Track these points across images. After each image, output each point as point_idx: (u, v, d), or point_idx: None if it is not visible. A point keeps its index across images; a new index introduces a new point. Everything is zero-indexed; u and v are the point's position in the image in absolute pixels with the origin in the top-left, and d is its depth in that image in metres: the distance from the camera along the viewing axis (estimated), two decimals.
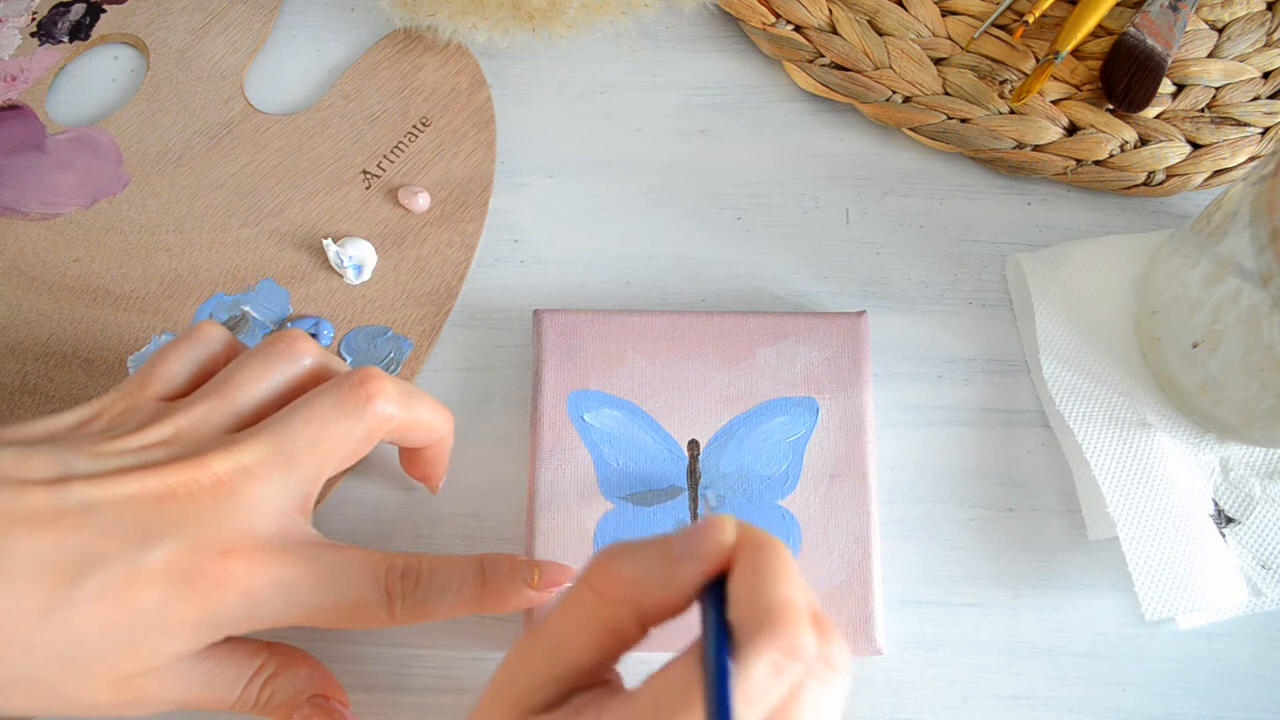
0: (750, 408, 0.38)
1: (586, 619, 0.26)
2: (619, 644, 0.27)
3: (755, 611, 0.24)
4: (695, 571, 0.26)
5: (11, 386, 0.39)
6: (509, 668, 0.27)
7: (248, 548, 0.29)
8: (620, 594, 0.26)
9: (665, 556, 0.26)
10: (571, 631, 0.27)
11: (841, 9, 0.45)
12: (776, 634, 0.24)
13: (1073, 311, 0.40)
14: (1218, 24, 0.45)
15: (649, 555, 0.26)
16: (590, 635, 0.26)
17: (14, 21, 0.46)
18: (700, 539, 0.26)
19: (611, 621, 0.26)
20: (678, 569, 0.26)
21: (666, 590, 0.26)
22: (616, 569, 0.26)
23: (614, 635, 0.27)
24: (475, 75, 0.45)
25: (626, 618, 0.26)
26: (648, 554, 0.26)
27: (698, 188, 0.44)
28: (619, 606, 0.26)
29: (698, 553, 0.26)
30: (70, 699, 0.28)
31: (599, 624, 0.26)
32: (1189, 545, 0.36)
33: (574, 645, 0.26)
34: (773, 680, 0.24)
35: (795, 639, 0.24)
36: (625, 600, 0.26)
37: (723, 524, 0.26)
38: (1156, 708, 0.36)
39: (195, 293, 0.41)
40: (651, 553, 0.26)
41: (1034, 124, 0.43)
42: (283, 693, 0.32)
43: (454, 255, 0.42)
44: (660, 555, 0.26)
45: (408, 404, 0.32)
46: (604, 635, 0.26)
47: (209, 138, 0.44)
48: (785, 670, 0.24)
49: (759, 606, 0.24)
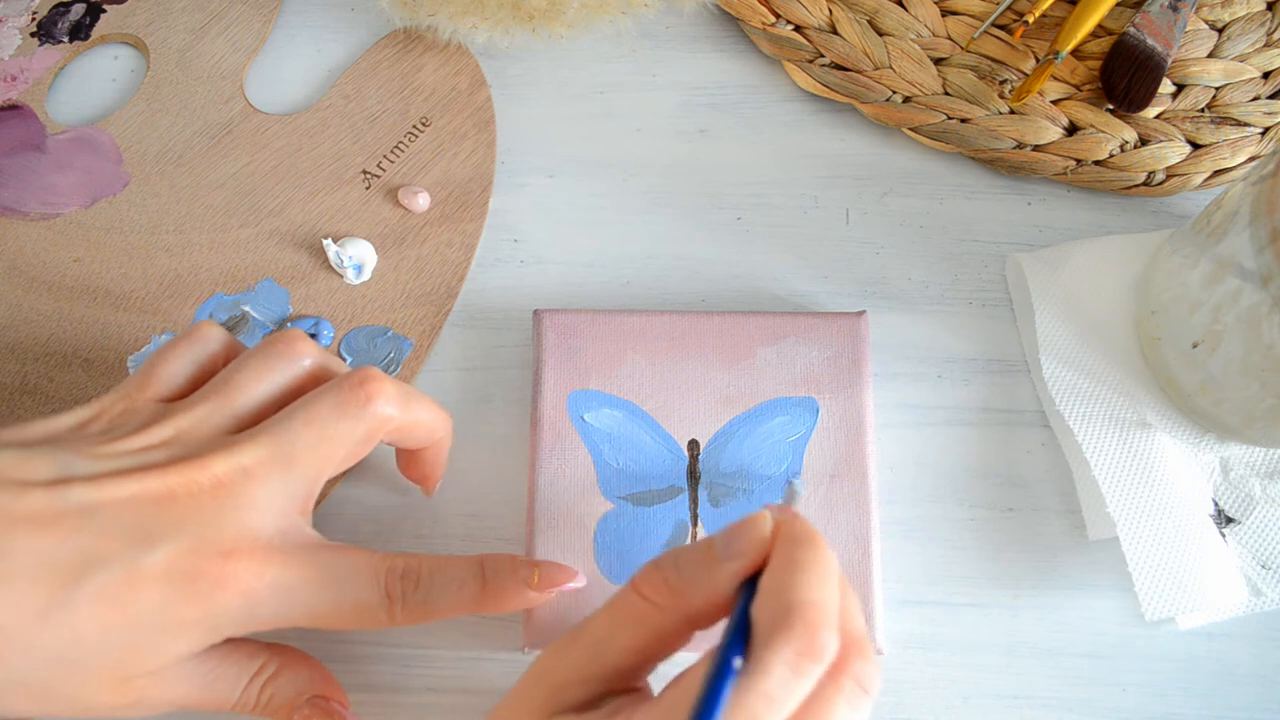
0: (750, 408, 0.38)
1: (632, 621, 0.27)
2: (661, 648, 0.27)
3: (779, 607, 0.24)
4: (735, 569, 0.26)
5: (11, 386, 0.39)
6: (546, 662, 0.27)
7: (248, 549, 0.29)
8: (667, 598, 0.27)
9: (708, 557, 0.26)
10: (615, 633, 0.27)
11: (841, 9, 0.45)
12: (794, 633, 0.24)
13: (1073, 311, 0.40)
14: (1218, 24, 0.45)
15: (694, 557, 0.27)
16: (633, 638, 0.27)
17: (14, 21, 0.46)
18: (738, 536, 0.26)
19: (657, 625, 0.27)
20: (719, 568, 0.26)
21: (711, 592, 0.26)
22: (664, 573, 0.27)
23: (658, 639, 0.27)
24: (475, 75, 0.45)
25: (673, 621, 0.27)
26: (693, 556, 0.27)
27: (698, 188, 0.44)
28: (665, 611, 0.27)
29: (736, 549, 0.26)
30: (70, 700, 0.28)
31: (644, 627, 0.27)
32: (1189, 545, 0.36)
33: (616, 647, 0.27)
34: (790, 679, 0.24)
35: (814, 638, 0.24)
36: (672, 604, 0.27)
37: (760, 520, 0.26)
38: (1156, 708, 0.36)
39: (195, 293, 0.41)
40: (696, 554, 0.27)
41: (1034, 124, 0.43)
42: (283, 693, 0.32)
43: (454, 255, 0.42)
44: (704, 556, 0.27)
45: (407, 405, 0.32)
46: (648, 639, 0.27)
47: (209, 138, 0.44)
48: (804, 671, 0.24)
49: (783, 602, 0.24)
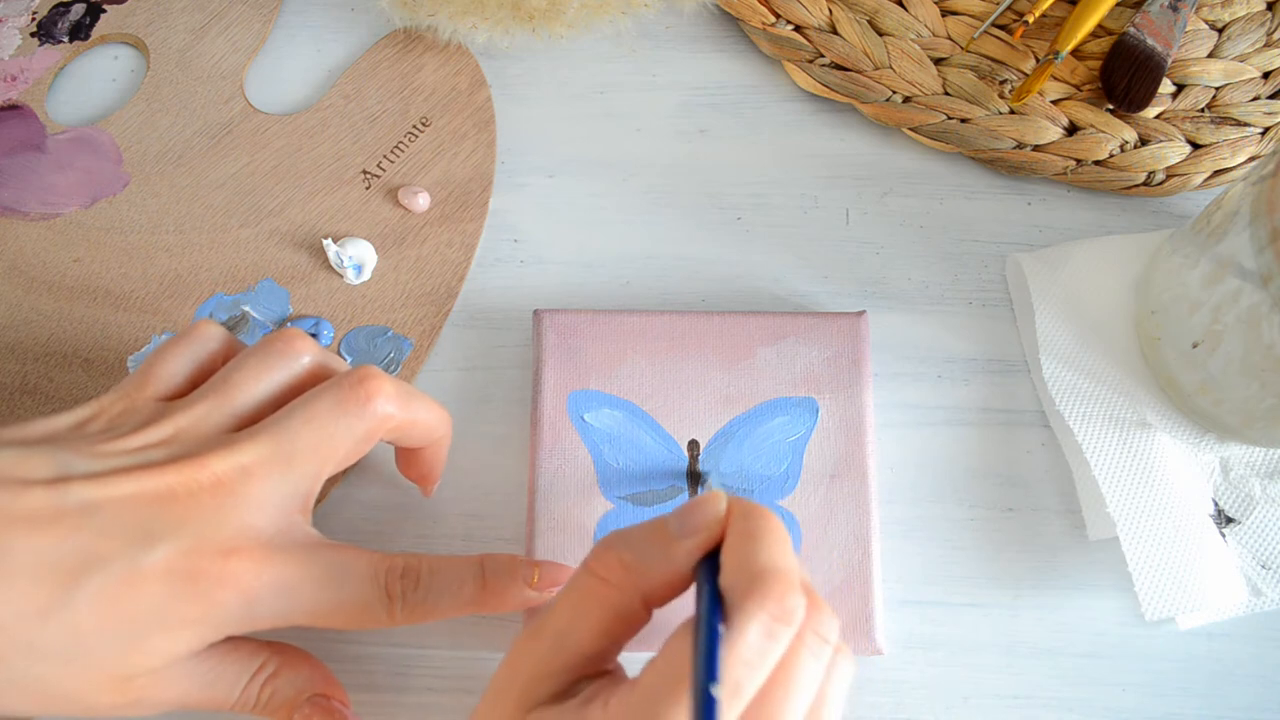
0: (750, 408, 0.38)
1: (591, 605, 0.27)
2: (624, 628, 0.28)
3: (745, 576, 0.25)
4: (691, 546, 0.27)
5: (11, 386, 0.39)
6: (514, 660, 0.28)
7: (248, 548, 0.29)
8: (622, 577, 0.27)
9: (662, 535, 0.27)
10: (577, 618, 0.27)
11: (841, 9, 0.45)
12: (767, 597, 0.25)
13: (1073, 311, 0.40)
14: (1218, 24, 0.45)
15: (647, 536, 0.27)
16: (595, 621, 0.27)
17: (14, 21, 0.46)
18: (693, 514, 0.27)
19: (616, 605, 0.27)
20: (675, 546, 0.27)
21: (666, 568, 0.27)
22: (617, 552, 0.27)
23: (619, 619, 0.27)
24: (475, 75, 0.45)
25: (630, 600, 0.27)
26: (646, 535, 0.27)
27: (698, 188, 0.44)
28: (622, 590, 0.27)
29: (691, 527, 0.27)
30: (70, 699, 0.28)
31: (604, 609, 0.27)
32: (1189, 545, 0.36)
33: (580, 632, 0.27)
34: (765, 644, 0.25)
35: (784, 601, 0.25)
36: (628, 583, 0.27)
37: (715, 498, 0.27)
38: (1156, 708, 0.36)
39: (195, 293, 0.41)
40: (649, 533, 0.27)
41: (1034, 124, 0.43)
42: (283, 692, 0.32)
43: (454, 255, 0.42)
44: (658, 535, 0.27)
45: (407, 403, 0.32)
46: (609, 620, 0.27)
47: (209, 138, 0.44)
48: (777, 634, 0.25)
49: (749, 571, 0.25)
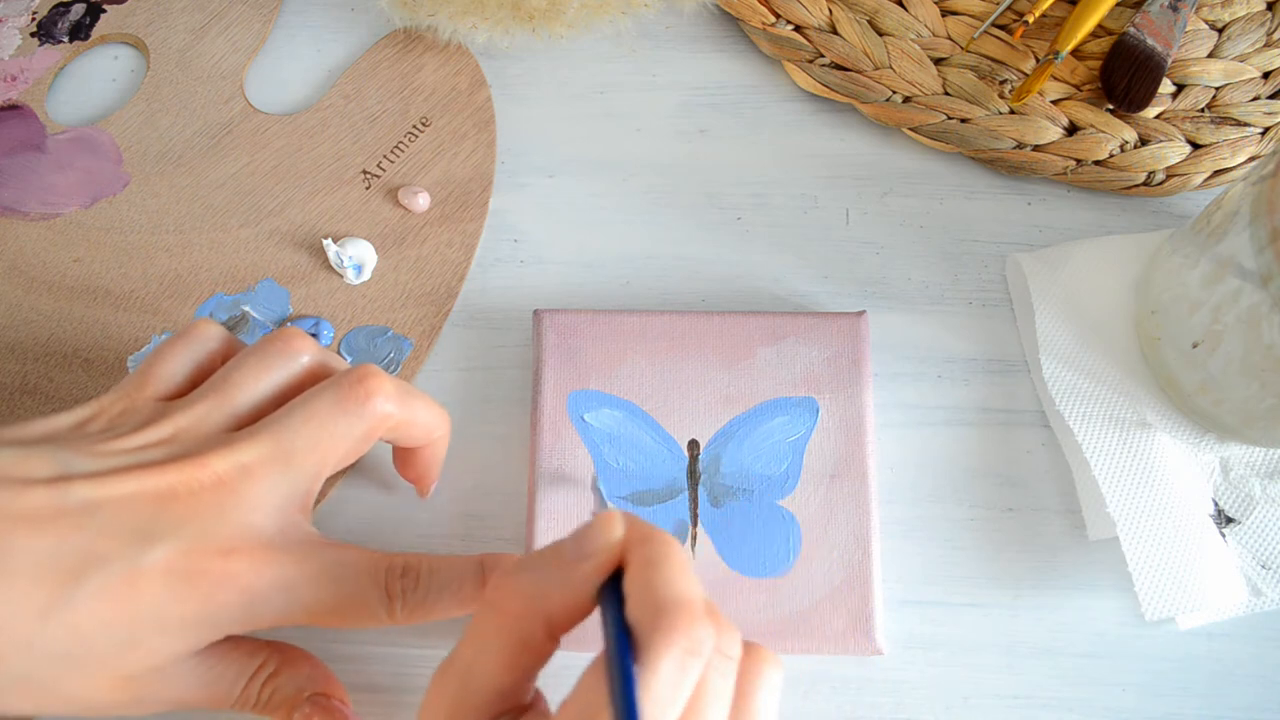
0: (750, 408, 0.38)
1: (491, 637, 0.27)
2: (532, 658, 0.27)
3: (651, 609, 0.25)
4: (590, 569, 0.26)
5: (11, 386, 0.39)
6: (429, 702, 0.27)
7: (248, 547, 0.29)
8: (522, 606, 0.26)
9: (559, 560, 0.27)
10: (480, 653, 0.27)
11: (841, 9, 0.45)
12: (675, 631, 0.24)
13: (1073, 311, 0.40)
14: (1218, 24, 0.45)
15: (543, 562, 0.27)
16: (500, 654, 0.27)
17: (14, 21, 0.46)
18: (588, 537, 0.26)
19: (519, 635, 0.26)
20: (572, 570, 0.26)
21: (566, 593, 0.26)
22: (514, 582, 0.27)
23: (524, 649, 0.27)
24: (475, 75, 0.45)
25: (534, 629, 0.27)
26: (541, 561, 0.27)
27: (698, 188, 0.44)
28: (524, 619, 0.26)
29: (588, 550, 0.26)
30: (71, 698, 0.28)
31: (507, 640, 0.27)
32: (1189, 545, 0.36)
33: (487, 668, 0.27)
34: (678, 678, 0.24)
35: (692, 633, 0.24)
36: (529, 612, 0.26)
37: (610, 520, 0.27)
38: (1156, 708, 0.36)
39: (195, 293, 0.41)
40: (545, 559, 0.27)
41: (1034, 124, 0.43)
42: (283, 691, 0.32)
43: (454, 255, 0.42)
44: (554, 560, 0.27)
45: (406, 402, 0.32)
46: (515, 651, 0.27)
47: (209, 138, 0.44)
48: (690, 667, 0.24)
49: (654, 604, 0.25)
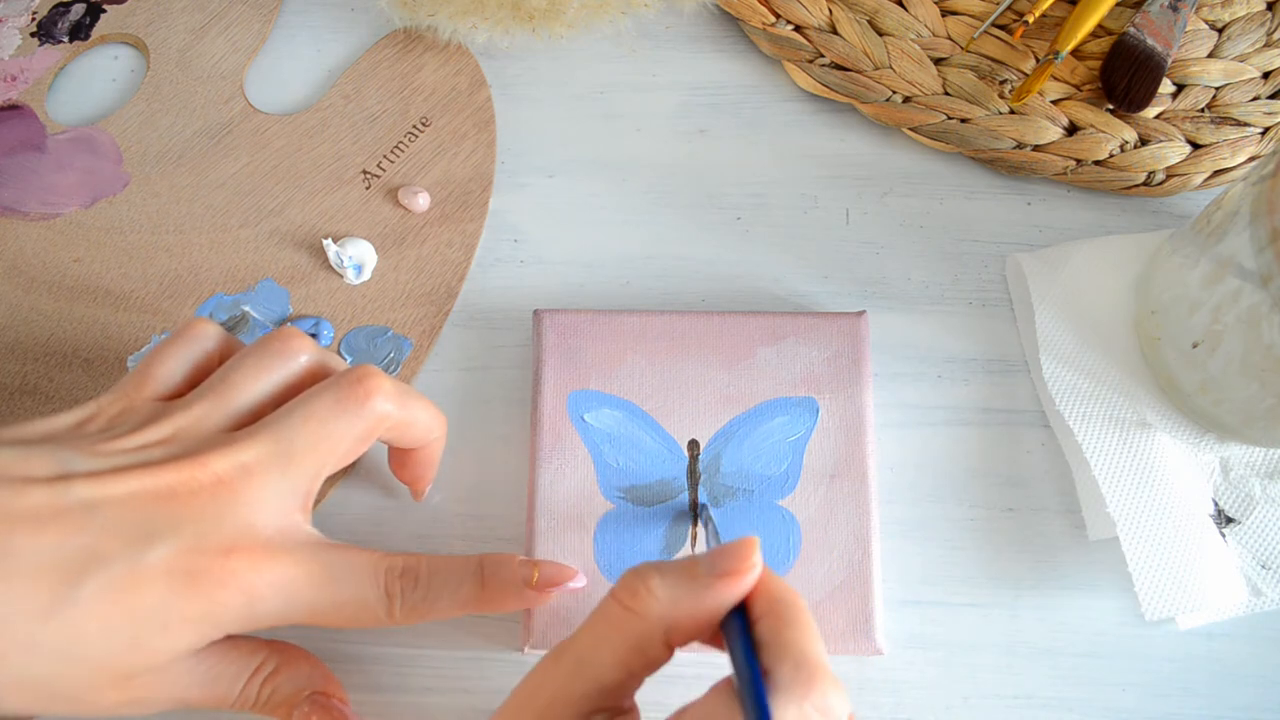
0: (750, 408, 0.38)
1: (614, 635, 0.27)
2: (644, 664, 0.27)
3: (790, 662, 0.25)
4: (721, 590, 0.27)
5: (11, 386, 0.39)
6: (534, 681, 0.27)
7: (248, 546, 0.29)
8: (650, 608, 0.27)
9: (693, 574, 0.27)
10: (599, 647, 0.27)
11: (841, 9, 0.45)
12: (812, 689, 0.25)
13: (1073, 311, 0.40)
14: (1218, 24, 0.45)
15: (677, 572, 0.27)
16: (617, 652, 0.27)
17: (14, 21, 0.46)
18: (730, 558, 0.27)
19: (639, 639, 0.27)
20: (705, 586, 0.27)
21: (693, 608, 0.27)
22: (645, 584, 0.27)
23: (639, 652, 0.27)
24: (475, 75, 0.45)
25: (654, 635, 0.27)
26: (676, 571, 0.27)
27: (698, 188, 0.44)
28: (647, 623, 0.27)
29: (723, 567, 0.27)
30: (71, 698, 0.28)
31: (626, 640, 0.27)
32: (1189, 545, 0.36)
33: (600, 662, 0.27)
34: None
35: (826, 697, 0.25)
36: (652, 614, 0.27)
37: (751, 545, 0.27)
38: (1156, 708, 0.36)
39: (195, 293, 0.41)
40: (680, 569, 0.27)
41: (1034, 124, 0.43)
42: (283, 690, 0.32)
43: (454, 255, 0.42)
44: (687, 572, 0.27)
45: (405, 403, 0.32)
46: (631, 653, 0.27)
47: (209, 138, 0.44)
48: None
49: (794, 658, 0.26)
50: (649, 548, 0.36)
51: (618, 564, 0.36)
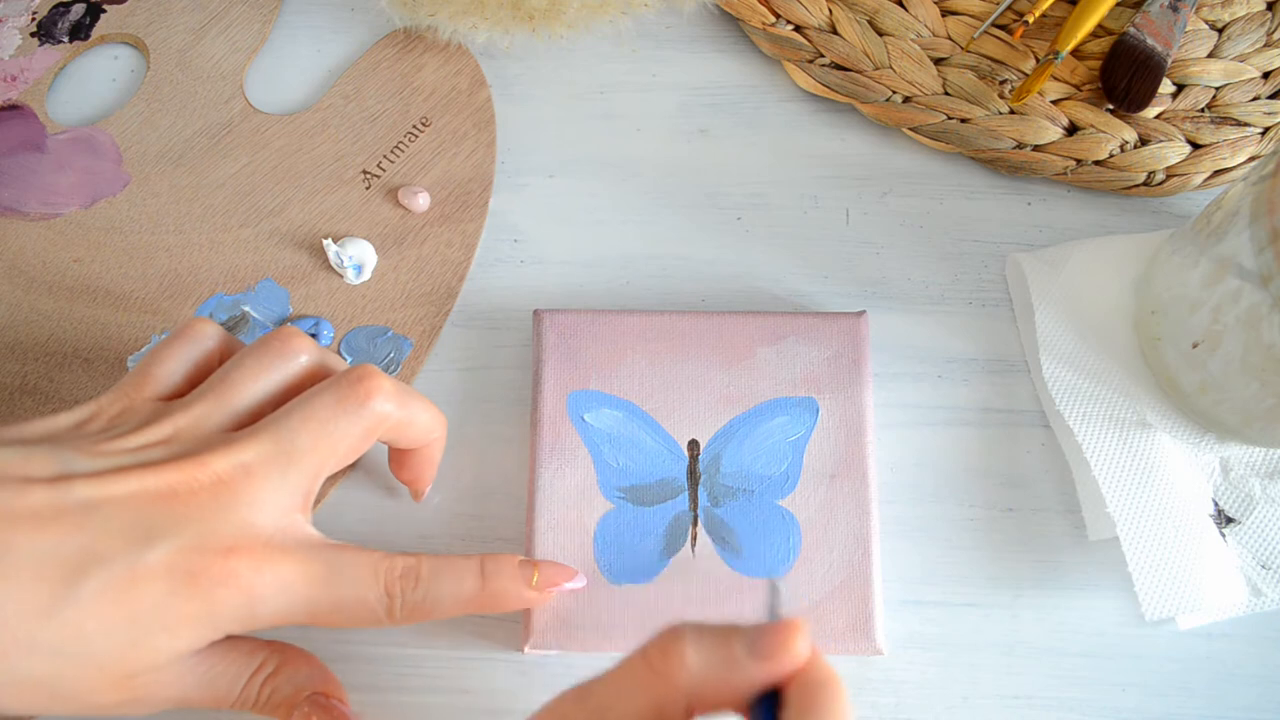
0: (750, 408, 0.38)
1: (638, 692, 0.26)
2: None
3: None
4: (757, 673, 0.25)
5: (11, 386, 0.39)
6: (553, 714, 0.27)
7: (248, 546, 0.29)
8: (677, 674, 0.26)
9: (729, 648, 0.26)
10: (621, 699, 0.26)
11: (841, 9, 0.45)
12: None
13: (1073, 311, 0.40)
14: (1218, 24, 0.45)
15: (714, 643, 0.26)
16: (637, 708, 0.26)
17: (14, 21, 0.46)
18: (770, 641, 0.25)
19: (661, 701, 0.26)
20: (741, 664, 0.25)
21: (723, 683, 0.26)
22: (678, 649, 0.26)
23: (659, 714, 0.26)
24: (475, 75, 0.45)
25: (676, 700, 0.26)
26: (713, 641, 0.26)
27: (698, 188, 0.44)
28: (672, 687, 0.26)
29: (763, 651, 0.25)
30: (72, 697, 0.28)
31: (648, 700, 0.26)
32: (1189, 545, 0.36)
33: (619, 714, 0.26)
34: None
35: None
36: (681, 684, 0.26)
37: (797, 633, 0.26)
38: (1156, 708, 0.36)
39: (195, 293, 0.41)
40: (717, 641, 0.26)
41: (1034, 124, 0.43)
42: (283, 690, 0.32)
43: (454, 255, 0.42)
44: (725, 645, 0.26)
45: (404, 402, 0.32)
46: (650, 712, 0.26)
47: (209, 138, 0.44)
48: None
49: None
50: (649, 548, 0.36)
51: (618, 564, 0.36)
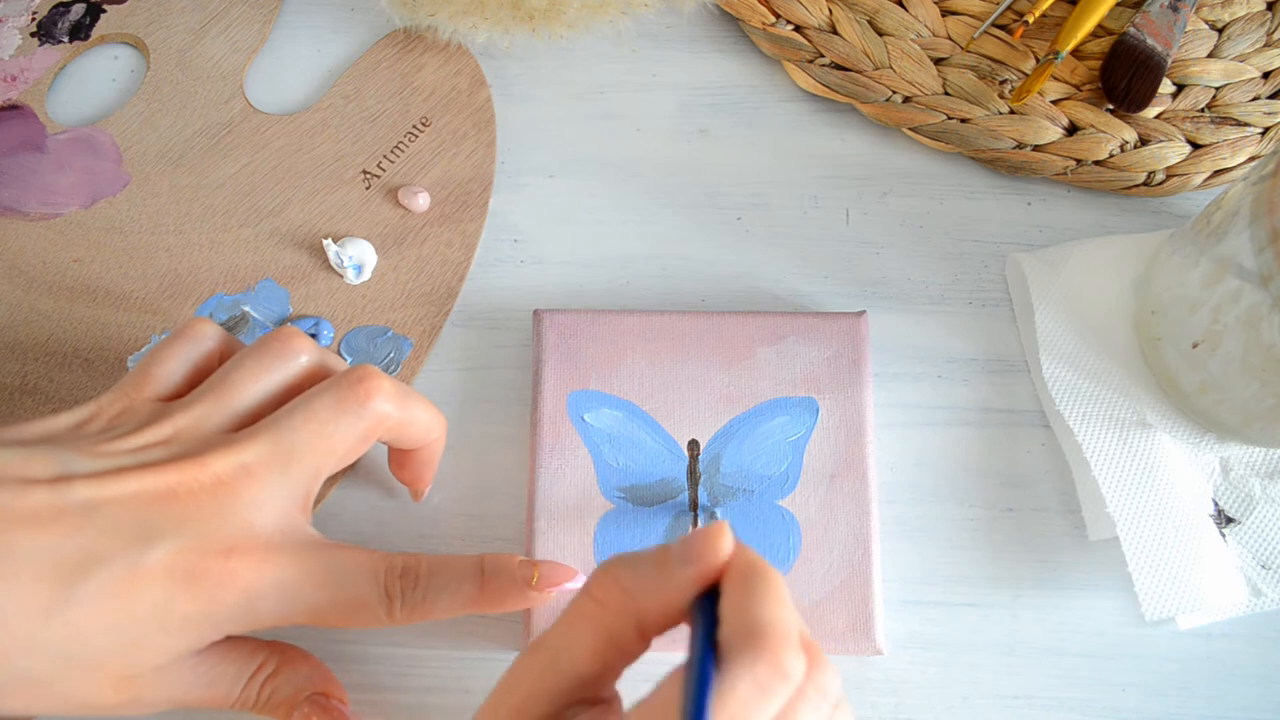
0: (750, 408, 0.38)
1: (588, 627, 0.27)
2: (618, 654, 0.27)
3: (742, 629, 0.25)
4: (690, 576, 0.26)
5: (11, 386, 0.39)
6: (509, 678, 0.27)
7: (248, 547, 0.29)
8: (620, 601, 0.27)
9: (663, 562, 0.27)
10: (572, 640, 0.27)
11: (841, 9, 0.45)
12: (762, 652, 0.24)
13: (1073, 311, 0.40)
14: (1218, 24, 0.45)
15: (647, 562, 0.27)
16: (591, 644, 0.27)
17: (14, 21, 0.46)
18: (694, 544, 0.26)
19: (612, 630, 0.27)
20: (674, 574, 0.26)
21: (663, 596, 0.26)
22: (615, 576, 0.27)
23: (614, 645, 0.27)
24: (475, 75, 0.45)
25: (626, 626, 0.27)
26: (646, 561, 0.27)
27: (698, 188, 0.44)
28: (619, 615, 0.27)
29: (692, 556, 0.26)
30: (72, 698, 0.28)
31: (600, 633, 0.27)
32: (1189, 545, 0.36)
33: (575, 655, 0.27)
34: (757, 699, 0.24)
35: (780, 659, 0.24)
36: (625, 608, 0.27)
37: (720, 532, 0.27)
38: (1156, 708, 0.36)
39: (195, 293, 0.41)
40: (648, 559, 0.27)
41: (1034, 124, 0.43)
42: (283, 691, 0.32)
43: (454, 255, 0.42)
44: (658, 562, 0.27)
45: (404, 403, 0.32)
46: (604, 645, 0.27)
47: (209, 138, 0.44)
48: (771, 691, 0.24)
49: (746, 625, 0.25)
50: None
51: None
